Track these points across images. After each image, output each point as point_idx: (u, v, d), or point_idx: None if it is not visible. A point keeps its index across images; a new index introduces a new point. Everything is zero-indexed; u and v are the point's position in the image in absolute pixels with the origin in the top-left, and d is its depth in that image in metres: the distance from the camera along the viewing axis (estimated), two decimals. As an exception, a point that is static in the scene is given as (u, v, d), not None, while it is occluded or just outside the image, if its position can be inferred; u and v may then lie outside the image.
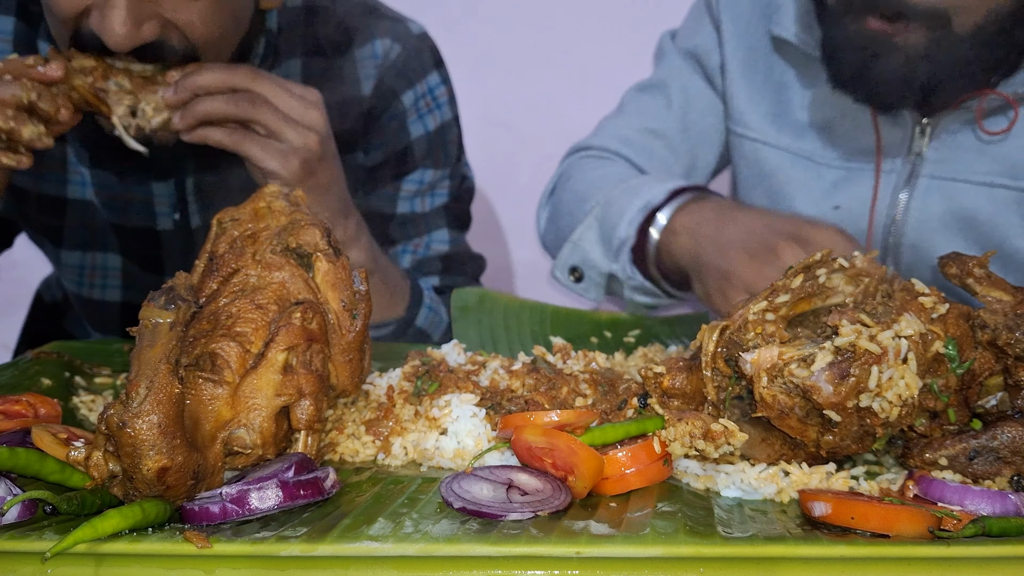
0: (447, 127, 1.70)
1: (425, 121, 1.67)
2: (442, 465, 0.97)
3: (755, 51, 1.63)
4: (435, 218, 1.70)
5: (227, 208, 1.06)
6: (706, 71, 1.72)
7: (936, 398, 0.92)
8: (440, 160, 1.69)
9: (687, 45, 1.74)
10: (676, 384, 0.95)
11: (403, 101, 1.65)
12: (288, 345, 0.91)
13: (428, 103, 1.67)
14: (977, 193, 1.44)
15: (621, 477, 0.87)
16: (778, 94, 1.60)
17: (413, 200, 1.69)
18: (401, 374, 1.10)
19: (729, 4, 1.66)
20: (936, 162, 1.46)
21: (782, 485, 0.89)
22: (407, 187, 1.68)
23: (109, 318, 1.72)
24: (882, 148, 1.49)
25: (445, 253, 1.71)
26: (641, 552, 0.73)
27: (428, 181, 1.69)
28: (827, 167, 1.55)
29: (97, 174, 1.56)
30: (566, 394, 1.05)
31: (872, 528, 0.78)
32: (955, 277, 1.00)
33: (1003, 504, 0.83)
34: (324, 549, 0.74)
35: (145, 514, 0.77)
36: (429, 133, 1.68)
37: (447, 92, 1.71)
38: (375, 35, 1.62)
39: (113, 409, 0.79)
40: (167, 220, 1.60)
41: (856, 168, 1.52)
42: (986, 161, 1.44)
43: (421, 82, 1.66)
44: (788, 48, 1.56)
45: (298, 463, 0.86)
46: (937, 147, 1.46)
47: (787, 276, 0.99)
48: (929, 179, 1.47)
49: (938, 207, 1.47)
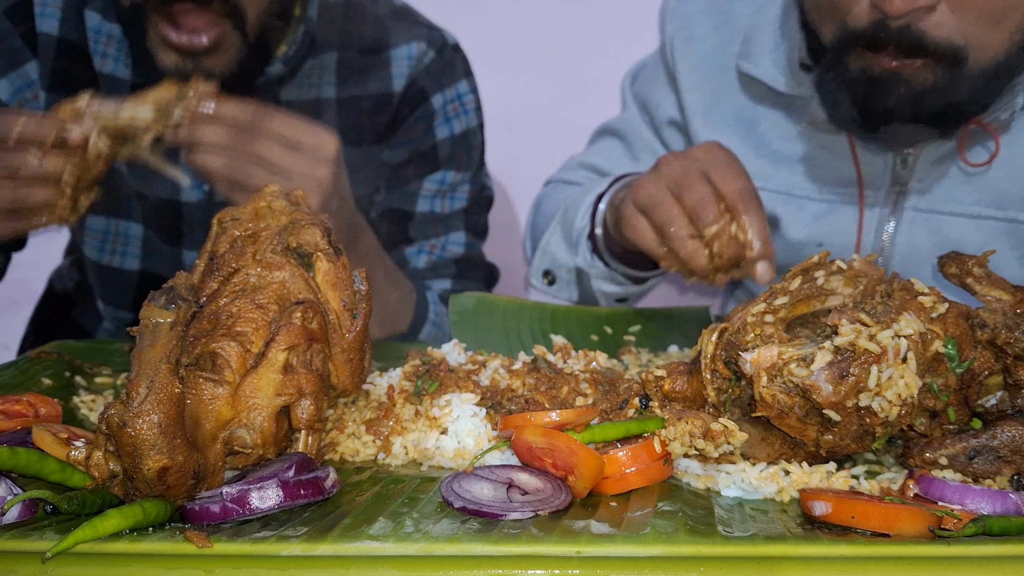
0: (472, 133, 1.77)
1: (452, 125, 1.74)
2: (442, 464, 0.97)
3: (720, 93, 1.61)
4: (453, 220, 1.76)
5: (228, 207, 1.06)
6: (654, 123, 1.72)
7: (936, 397, 0.92)
8: (463, 164, 1.75)
9: (641, 94, 1.75)
10: (677, 387, 0.95)
11: (433, 103, 1.72)
12: (288, 345, 0.91)
13: (456, 108, 1.74)
14: (964, 224, 1.43)
15: (621, 476, 0.87)
16: (749, 131, 1.58)
17: (433, 200, 1.74)
18: (401, 374, 1.10)
19: (685, 54, 1.64)
20: (920, 193, 1.45)
21: (782, 484, 0.89)
22: (428, 186, 1.73)
23: (125, 289, 1.75)
24: (863, 180, 1.48)
25: (460, 256, 1.76)
26: (642, 551, 0.74)
27: (449, 183, 1.74)
28: (808, 200, 1.54)
29: None
30: (567, 394, 1.05)
31: (873, 527, 0.78)
32: (954, 277, 1.01)
33: (1003, 503, 0.83)
34: (324, 549, 0.74)
35: (146, 514, 0.77)
36: (454, 136, 1.74)
37: (475, 101, 1.78)
38: (412, 38, 1.70)
39: (114, 409, 0.79)
40: (192, 193, 1.64)
41: (837, 201, 1.51)
42: (971, 191, 1.42)
43: (451, 87, 1.73)
44: (758, 86, 1.55)
45: (298, 463, 0.86)
46: (920, 178, 1.44)
47: (785, 278, 0.99)
48: (914, 211, 1.45)
49: (925, 239, 1.45)
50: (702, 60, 1.63)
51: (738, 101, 1.60)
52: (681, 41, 1.64)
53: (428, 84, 1.71)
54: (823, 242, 1.52)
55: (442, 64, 1.73)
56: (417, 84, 1.70)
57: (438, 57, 1.72)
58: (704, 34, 1.63)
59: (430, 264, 1.74)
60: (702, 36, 1.63)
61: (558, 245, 1.62)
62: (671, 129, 1.70)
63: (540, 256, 1.66)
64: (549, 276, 1.66)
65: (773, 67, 1.51)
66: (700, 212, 1.22)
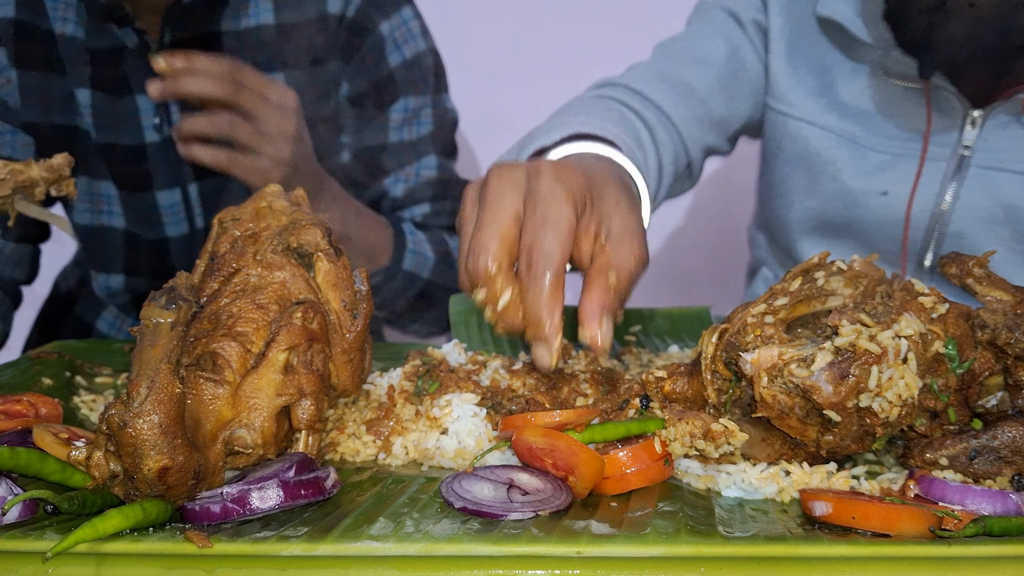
0: (423, 56, 1.81)
1: (402, 50, 1.78)
2: (443, 465, 0.98)
3: (800, 29, 1.61)
4: (422, 145, 1.80)
5: (228, 208, 1.06)
6: (746, 31, 1.68)
7: (936, 398, 0.92)
8: (420, 88, 1.79)
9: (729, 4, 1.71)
10: (677, 388, 0.95)
11: (381, 31, 1.76)
12: (289, 345, 0.91)
13: (403, 33, 1.78)
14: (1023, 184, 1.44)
15: (622, 477, 0.87)
16: (822, 75, 1.58)
17: (401, 129, 1.79)
18: (402, 374, 1.10)
19: None
20: (985, 151, 1.45)
21: (783, 485, 0.89)
22: (394, 116, 1.78)
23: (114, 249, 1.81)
24: (931, 134, 1.47)
25: (435, 179, 1.80)
26: (642, 552, 0.74)
27: (412, 108, 1.79)
28: (872, 151, 1.53)
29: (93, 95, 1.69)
30: (567, 394, 1.05)
31: (873, 528, 0.78)
32: (955, 277, 1.01)
33: (1004, 503, 0.83)
34: (325, 549, 0.74)
35: (146, 514, 0.77)
36: (407, 61, 1.78)
37: (420, 25, 1.82)
38: None
39: (114, 409, 0.79)
40: (152, 133, 1.71)
41: (902, 154, 1.51)
42: None
43: (396, 14, 1.78)
44: (834, 30, 1.55)
45: (299, 463, 0.86)
46: (986, 137, 1.45)
47: (785, 279, 0.99)
48: (977, 169, 1.46)
49: (984, 198, 1.46)
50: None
51: (815, 41, 1.60)
52: None
53: (372, 13, 1.76)
54: (888, 191, 1.52)
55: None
56: (362, 13, 1.74)
57: None
58: None
59: (407, 192, 1.79)
60: None
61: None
62: (757, 31, 1.67)
63: None
64: None
65: (851, 12, 1.50)
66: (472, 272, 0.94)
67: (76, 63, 1.68)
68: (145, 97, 1.68)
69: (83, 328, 1.91)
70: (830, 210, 1.57)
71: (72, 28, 1.68)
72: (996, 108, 1.43)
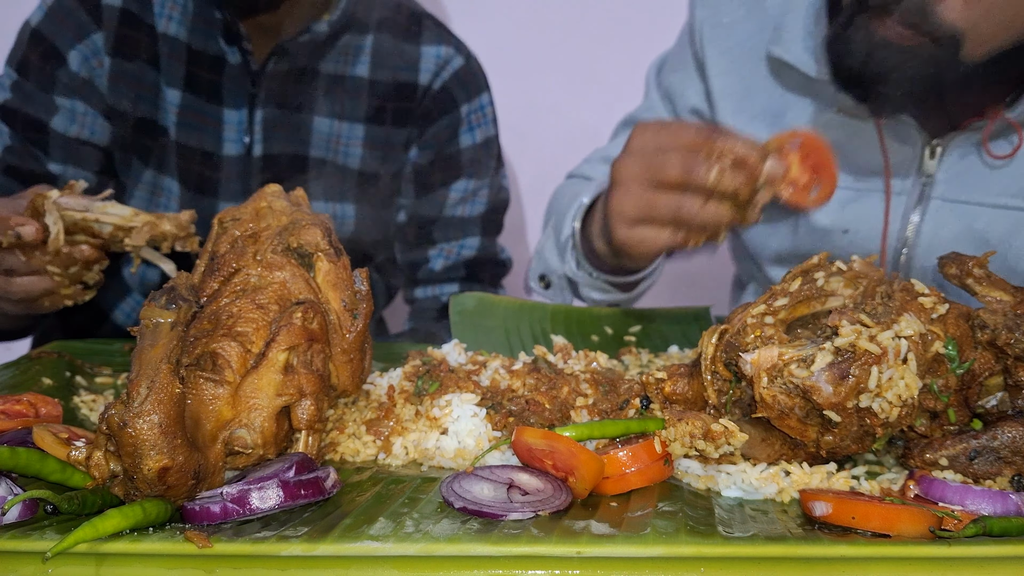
0: (491, 142, 1.91)
1: (475, 133, 1.88)
2: (443, 465, 0.97)
3: (749, 81, 1.61)
4: (471, 225, 1.89)
5: (228, 208, 1.06)
6: (676, 112, 1.72)
7: (936, 398, 0.92)
8: (482, 171, 1.89)
9: (666, 82, 1.75)
10: (678, 389, 0.95)
11: (460, 111, 1.86)
12: (289, 345, 0.91)
13: (479, 117, 1.88)
14: (990, 215, 1.43)
15: (622, 477, 0.87)
16: (778, 120, 1.58)
17: (456, 206, 1.88)
18: (402, 374, 1.10)
19: (715, 39, 1.64)
20: (946, 183, 1.45)
21: (783, 485, 0.89)
22: (452, 195, 1.87)
23: None
24: (891, 168, 1.48)
25: (472, 259, 1.89)
26: (642, 552, 0.74)
27: (471, 190, 1.88)
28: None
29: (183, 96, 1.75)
30: (567, 394, 1.05)
31: (873, 528, 0.78)
32: (955, 277, 1.00)
33: (1004, 504, 0.83)
34: (325, 549, 0.74)
35: (146, 514, 0.77)
36: (476, 145, 1.88)
37: (493, 112, 1.92)
38: (440, 41, 1.86)
39: (114, 409, 0.79)
40: (232, 147, 1.77)
41: (864, 189, 1.51)
42: (997, 182, 1.43)
43: (476, 98, 1.88)
44: (788, 72, 1.55)
45: (299, 463, 0.86)
46: (947, 168, 1.45)
47: (785, 280, 0.99)
48: (940, 201, 1.46)
49: (950, 229, 1.46)
50: (732, 47, 1.62)
51: (767, 89, 1.59)
52: (710, 27, 1.64)
53: (457, 91, 1.86)
54: (849, 228, 1.52)
55: (469, 74, 1.87)
56: (447, 90, 1.85)
57: (466, 66, 1.87)
58: (734, 21, 1.63)
59: (444, 267, 1.88)
60: (732, 23, 1.63)
61: (551, 251, 1.65)
62: (692, 118, 1.69)
63: (536, 260, 1.69)
64: (544, 280, 1.68)
65: (804, 53, 1.51)
66: (688, 174, 1.19)
67: (172, 62, 1.74)
68: (234, 111, 1.75)
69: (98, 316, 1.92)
70: (802, 246, 1.57)
71: (175, 28, 1.74)
72: (956, 138, 1.42)
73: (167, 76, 1.74)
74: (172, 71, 1.74)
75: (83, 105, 1.72)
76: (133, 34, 1.73)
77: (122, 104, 1.74)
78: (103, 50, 1.72)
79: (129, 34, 1.73)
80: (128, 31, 1.73)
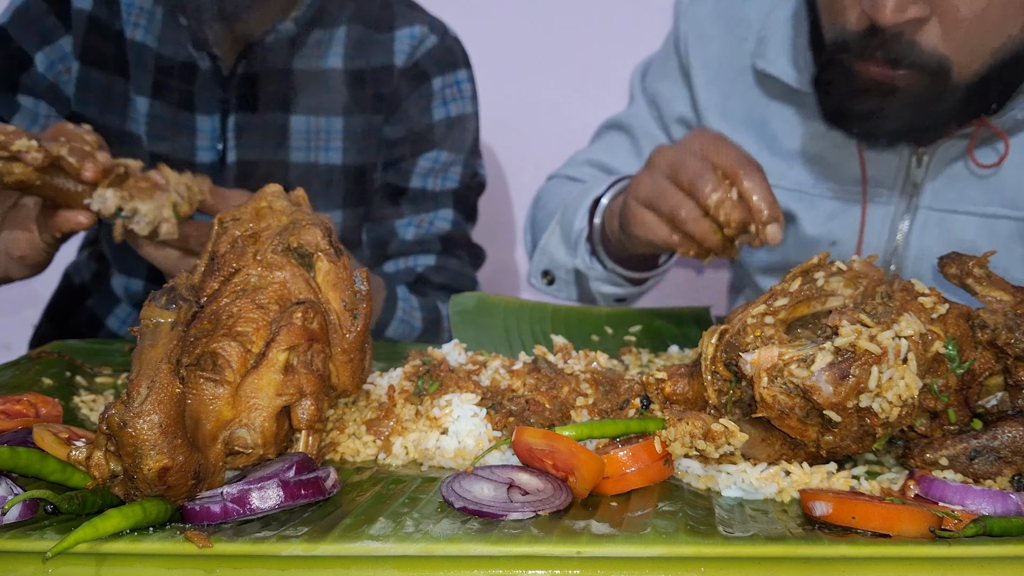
0: (467, 118, 1.86)
1: (448, 107, 1.83)
2: (443, 465, 0.97)
3: (732, 90, 1.63)
4: (443, 198, 1.84)
5: (229, 208, 1.06)
6: (663, 119, 1.74)
7: (936, 398, 0.92)
8: (456, 146, 1.84)
9: (651, 89, 1.77)
10: (678, 390, 0.95)
11: (432, 85, 1.82)
12: (289, 345, 0.91)
13: (454, 92, 1.84)
14: (976, 224, 1.44)
15: (622, 477, 0.87)
16: (761, 129, 1.59)
17: (426, 177, 1.83)
18: (402, 374, 1.10)
19: (698, 52, 1.66)
20: (933, 193, 1.46)
21: (783, 485, 0.89)
22: (422, 164, 1.83)
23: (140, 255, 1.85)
24: (868, 180, 1.49)
25: (446, 233, 1.83)
26: (642, 552, 0.74)
27: (443, 162, 1.83)
28: (820, 198, 1.55)
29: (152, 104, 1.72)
30: (567, 394, 1.05)
31: (873, 528, 0.78)
32: (955, 277, 1.01)
33: (1004, 504, 0.83)
34: (325, 549, 0.74)
35: (146, 514, 0.77)
36: (450, 119, 1.84)
37: (471, 89, 1.87)
38: (415, 21, 1.83)
39: (114, 409, 0.79)
40: (206, 154, 1.74)
41: (851, 200, 1.52)
42: (984, 192, 1.44)
43: (451, 73, 1.84)
44: (772, 82, 1.56)
45: (299, 463, 0.86)
46: (933, 177, 1.46)
47: (785, 280, 0.99)
48: (928, 211, 1.47)
49: (937, 239, 1.46)
50: (713, 59, 1.64)
51: (750, 99, 1.61)
52: (694, 39, 1.67)
53: (429, 66, 1.81)
54: (836, 240, 1.53)
55: (443, 49, 1.83)
56: (419, 66, 1.80)
57: (440, 43, 1.82)
58: (715, 35, 1.65)
59: (417, 238, 1.82)
60: (712, 36, 1.65)
61: (557, 246, 1.65)
62: (680, 126, 1.71)
63: (539, 256, 1.69)
64: (548, 276, 1.69)
65: (788, 64, 1.53)
66: (699, 185, 1.23)
67: (141, 70, 1.71)
68: (206, 117, 1.73)
69: (94, 323, 1.92)
70: (791, 257, 1.58)
71: (142, 35, 1.71)
72: (942, 146, 1.43)
73: (136, 84, 1.71)
74: (140, 79, 1.71)
75: (46, 107, 1.68)
76: (101, 41, 1.70)
77: (89, 111, 1.71)
78: (71, 55, 1.68)
79: (97, 40, 1.70)
80: (96, 37, 1.70)
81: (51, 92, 1.68)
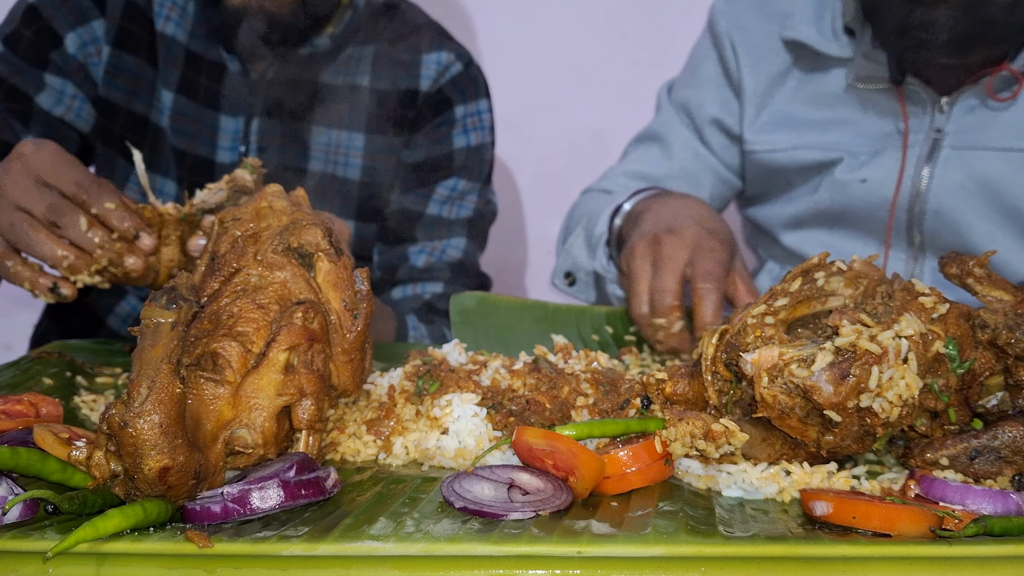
0: (485, 148, 1.90)
1: (469, 136, 1.87)
2: (443, 464, 0.98)
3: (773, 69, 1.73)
4: (457, 226, 1.87)
5: (229, 208, 1.06)
6: (695, 123, 1.83)
7: (937, 398, 0.92)
8: (473, 174, 1.88)
9: (680, 98, 1.86)
10: (679, 390, 0.95)
11: (455, 112, 1.85)
12: (289, 345, 0.91)
13: (475, 122, 1.88)
14: (995, 158, 1.55)
15: (622, 476, 0.87)
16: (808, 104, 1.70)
17: (443, 205, 1.86)
18: (402, 374, 1.10)
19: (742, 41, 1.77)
20: (955, 134, 1.57)
21: (783, 485, 0.89)
22: (440, 191, 1.85)
23: None
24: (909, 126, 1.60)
25: (457, 261, 1.86)
26: (643, 551, 0.74)
27: (459, 190, 1.86)
28: (857, 152, 1.66)
29: (177, 99, 1.75)
30: (567, 394, 1.05)
31: (874, 528, 0.78)
32: (955, 277, 1.01)
33: (1005, 503, 0.83)
34: (325, 548, 0.74)
35: (146, 514, 0.77)
36: (470, 147, 1.87)
37: (491, 120, 1.92)
38: (442, 48, 1.87)
39: (115, 409, 0.79)
40: (226, 154, 1.77)
41: (882, 148, 1.63)
42: (1001, 128, 1.54)
43: (473, 102, 1.88)
44: (803, 52, 1.68)
45: (299, 463, 0.86)
46: (955, 121, 1.57)
47: (785, 280, 0.99)
48: (950, 150, 1.57)
49: (958, 174, 1.57)
50: (755, 47, 1.76)
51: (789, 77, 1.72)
52: (737, 33, 1.78)
53: (453, 94, 1.85)
54: (865, 178, 1.63)
55: (467, 78, 1.88)
56: (443, 92, 1.84)
57: (464, 71, 1.87)
58: (754, 25, 1.77)
59: (427, 265, 1.84)
60: (752, 27, 1.77)
61: (580, 248, 1.73)
62: (713, 128, 1.81)
63: (563, 258, 1.77)
64: (570, 277, 1.76)
65: (817, 34, 1.65)
66: (657, 302, 1.36)
67: (169, 63, 1.74)
68: (231, 118, 1.76)
69: (94, 321, 1.92)
70: (823, 201, 1.68)
71: (173, 28, 1.74)
72: (963, 93, 1.54)
73: (163, 77, 1.74)
74: (168, 72, 1.74)
75: (73, 88, 1.70)
76: (135, 28, 1.72)
77: (116, 96, 1.73)
78: (103, 39, 1.71)
79: (131, 27, 1.72)
80: (131, 24, 1.72)
81: (80, 73, 1.70)
